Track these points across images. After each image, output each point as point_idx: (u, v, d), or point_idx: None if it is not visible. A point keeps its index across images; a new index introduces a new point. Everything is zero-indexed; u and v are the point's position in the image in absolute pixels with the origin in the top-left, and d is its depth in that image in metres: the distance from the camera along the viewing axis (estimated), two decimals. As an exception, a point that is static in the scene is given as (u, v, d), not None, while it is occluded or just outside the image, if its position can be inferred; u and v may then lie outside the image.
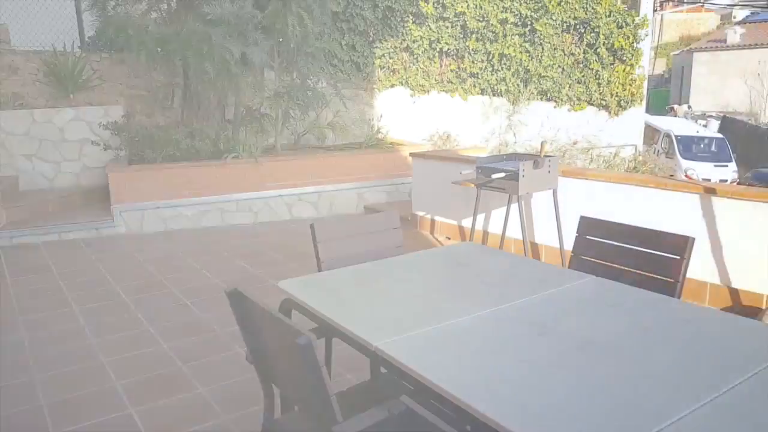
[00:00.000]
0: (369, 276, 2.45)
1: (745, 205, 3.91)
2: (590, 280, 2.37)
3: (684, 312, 2.04)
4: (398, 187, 7.77)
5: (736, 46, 25.02)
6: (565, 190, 4.93)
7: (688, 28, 35.79)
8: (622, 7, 10.88)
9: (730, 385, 1.50)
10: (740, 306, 3.98)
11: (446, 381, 1.56)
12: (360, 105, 9.29)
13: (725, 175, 14.86)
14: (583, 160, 10.55)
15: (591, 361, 1.67)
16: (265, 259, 5.55)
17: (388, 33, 9.69)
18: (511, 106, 10.71)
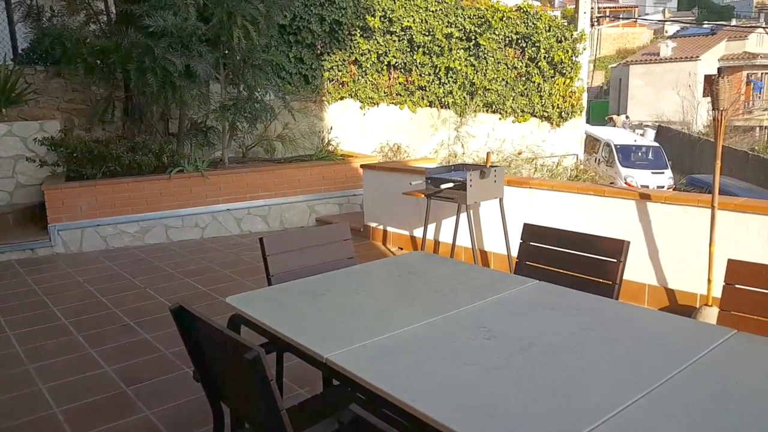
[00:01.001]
0: (320, 288, 2.45)
1: (677, 210, 4.11)
2: (534, 284, 2.44)
3: (621, 312, 2.13)
4: (350, 198, 7.78)
5: (668, 59, 26.39)
6: (511, 198, 5.06)
7: (625, 42, 37.56)
8: (561, 22, 11.33)
9: (664, 378, 1.58)
10: (676, 305, 4.17)
11: (396, 388, 1.57)
12: (309, 117, 9.28)
13: (662, 181, 15.58)
14: (528, 169, 10.87)
15: (534, 361, 1.73)
16: (214, 276, 5.44)
17: (336, 46, 9.74)
18: (458, 118, 10.94)
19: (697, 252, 3.99)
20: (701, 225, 3.94)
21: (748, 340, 1.82)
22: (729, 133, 22.36)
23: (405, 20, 10.07)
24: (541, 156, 11.29)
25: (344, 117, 10.05)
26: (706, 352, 1.72)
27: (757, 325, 2.01)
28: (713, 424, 1.38)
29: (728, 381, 1.58)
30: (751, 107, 25.51)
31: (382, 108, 10.48)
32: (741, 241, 3.81)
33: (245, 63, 7.10)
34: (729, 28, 28.96)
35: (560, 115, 11.29)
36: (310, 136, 8.71)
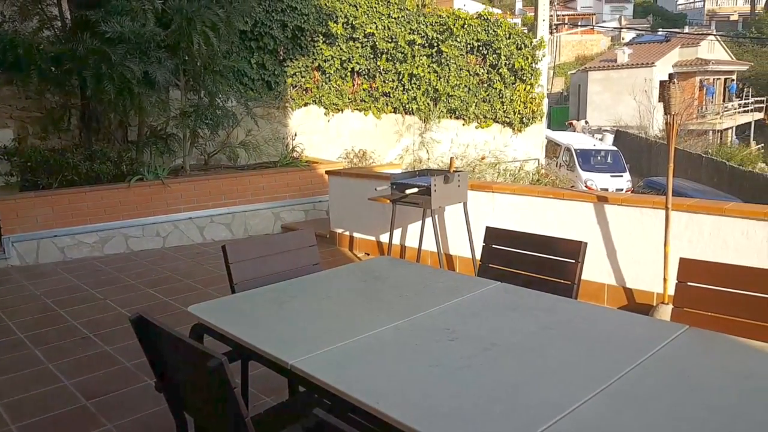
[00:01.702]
0: (285, 295, 2.44)
1: (633, 212, 4.24)
2: (496, 286, 2.48)
3: (580, 311, 2.19)
4: (316, 205, 7.76)
5: (625, 65, 27.20)
6: (475, 202, 5.13)
7: (583, 49, 38.55)
8: (521, 29, 11.57)
9: (621, 373, 1.63)
10: (634, 304, 4.30)
11: (360, 392, 1.58)
12: (273, 124, 9.21)
13: (620, 184, 16.02)
14: (492, 174, 11.03)
15: (496, 361, 1.76)
16: (176, 286, 5.35)
17: (298, 52, 9.71)
18: (422, 123, 11.03)
19: (653, 252, 4.12)
20: (656, 226, 4.07)
21: (699, 335, 1.90)
22: (684, 136, 23.17)
23: (368, 27, 10.13)
24: (503, 161, 11.48)
25: (308, 123, 10.02)
26: (659, 348, 1.79)
27: (708, 321, 2.10)
28: (666, 416, 1.43)
29: (680, 375, 1.65)
30: (705, 111, 26.49)
31: (347, 114, 10.49)
32: (694, 241, 3.95)
33: (206, 69, 7.02)
34: (682, 35, 30.06)
35: (521, 121, 11.51)
36: (274, 142, 8.64)
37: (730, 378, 1.61)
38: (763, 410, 1.44)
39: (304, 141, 8.97)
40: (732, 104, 27.56)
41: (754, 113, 27.53)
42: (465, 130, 11.39)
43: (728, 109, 27.11)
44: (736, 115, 27.04)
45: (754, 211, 3.68)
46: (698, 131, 24.55)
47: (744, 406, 1.46)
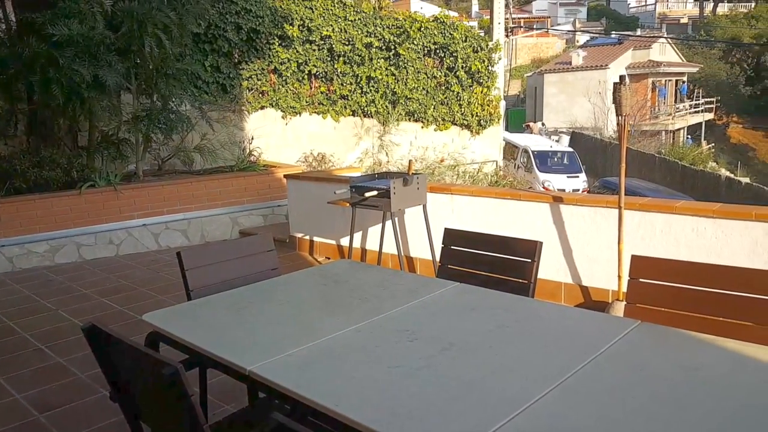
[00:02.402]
0: (242, 300, 2.41)
1: (588, 211, 4.35)
2: (455, 286, 2.51)
3: (536, 309, 2.23)
4: (275, 209, 7.68)
5: (579, 68, 27.87)
6: (434, 204, 5.17)
7: (539, 52, 39.38)
8: (477, 32, 11.74)
9: (575, 369, 1.67)
10: (591, 301, 4.40)
11: (319, 395, 1.58)
12: (229, 127, 9.07)
13: (577, 184, 16.42)
14: (451, 176, 11.15)
15: (455, 360, 1.78)
16: (131, 294, 5.21)
17: (254, 55, 9.60)
18: (381, 126, 11.06)
19: (607, 250, 4.23)
20: (610, 225, 4.19)
21: (650, 329, 1.96)
22: (638, 137, 23.93)
23: (324, 29, 10.09)
24: (462, 163, 11.62)
25: (266, 127, 9.90)
26: (612, 343, 1.84)
27: (659, 316, 2.17)
28: (619, 409, 1.47)
29: (632, 369, 1.69)
30: (657, 112, 27.41)
31: (305, 117, 10.43)
32: (647, 238, 4.07)
33: (158, 72, 6.86)
34: (635, 38, 31.03)
35: (479, 123, 11.67)
36: (230, 146, 8.51)
37: (679, 370, 1.67)
38: (711, 400, 1.50)
39: (261, 144, 8.86)
40: (683, 105, 28.58)
41: (704, 114, 28.62)
42: (424, 132, 11.48)
43: (680, 109, 28.10)
44: (687, 116, 28.05)
45: (703, 209, 3.82)
46: (651, 132, 25.38)
47: (693, 397, 1.51)
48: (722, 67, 32.25)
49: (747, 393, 1.52)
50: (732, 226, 3.63)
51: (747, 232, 3.57)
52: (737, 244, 3.61)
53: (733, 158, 27.76)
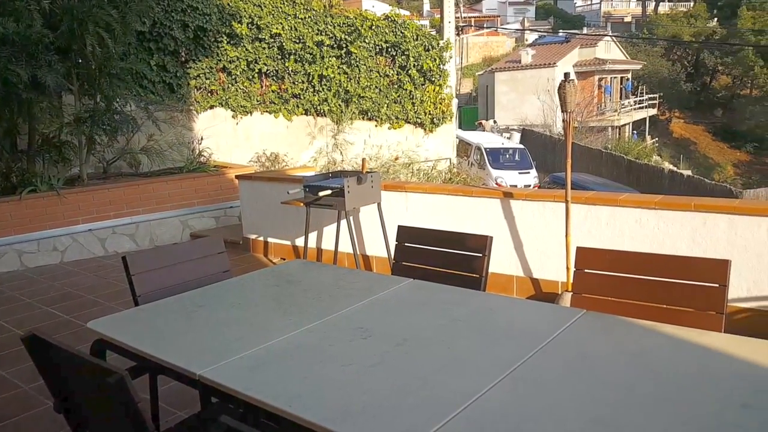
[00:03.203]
0: (192, 304, 2.36)
1: (536, 206, 4.45)
2: (408, 283, 2.52)
3: (487, 302, 2.27)
4: (227, 211, 7.54)
5: (529, 66, 28.46)
6: (389, 202, 5.19)
7: (490, 50, 39.99)
8: (428, 31, 11.84)
9: (523, 359, 1.70)
10: (541, 293, 4.51)
11: (272, 396, 1.56)
12: (177, 128, 8.84)
13: (528, 180, 16.79)
14: (405, 174, 11.21)
15: (408, 355, 1.79)
16: (78, 302, 5.02)
17: (201, 53, 9.39)
18: (335, 125, 11.02)
19: (556, 243, 4.34)
20: (558, 218, 4.29)
21: (594, 318, 2.02)
22: (585, 133, 24.62)
23: (273, 27, 9.97)
24: (417, 161, 11.70)
25: (216, 126, 9.71)
26: (558, 332, 1.89)
27: (604, 304, 2.24)
28: (565, 396, 1.52)
29: (578, 356, 1.74)
30: (604, 109, 28.27)
31: (256, 116, 10.27)
32: (593, 231, 4.20)
33: (101, 72, 6.63)
34: (581, 36, 31.87)
35: (432, 121, 11.77)
36: (179, 147, 8.30)
37: (623, 356, 1.73)
38: (653, 384, 1.56)
39: (211, 145, 8.69)
40: (628, 101, 29.56)
41: (648, 109, 29.67)
42: (378, 131, 11.50)
43: (625, 106, 29.05)
44: (632, 112, 29.01)
45: (645, 201, 3.96)
46: (599, 128, 26.16)
47: (636, 382, 1.57)
48: (664, 65, 33.56)
49: (686, 376, 1.59)
50: (673, 216, 3.78)
51: (687, 222, 3.73)
52: (678, 233, 3.77)
53: (675, 152, 28.94)
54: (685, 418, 1.37)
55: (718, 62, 31.67)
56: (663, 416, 1.39)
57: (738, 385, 1.51)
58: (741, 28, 28.93)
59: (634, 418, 1.39)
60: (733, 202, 3.73)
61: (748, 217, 3.52)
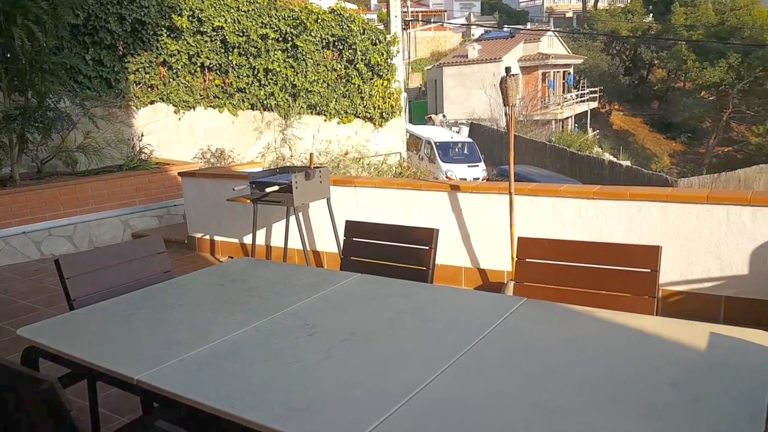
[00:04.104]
0: (131, 307, 2.28)
1: (482, 198, 4.53)
2: (356, 277, 2.52)
3: (433, 294, 2.30)
4: (170, 209, 7.33)
5: (475, 61, 28.87)
6: (338, 197, 5.16)
7: (437, 45, 40.32)
8: (374, 25, 11.83)
9: (467, 348, 1.73)
10: (488, 283, 4.60)
11: (214, 398, 1.53)
12: (115, 124, 8.48)
13: (477, 173, 17.07)
14: (356, 169, 11.19)
15: (354, 350, 1.79)
16: (11, 309, 4.78)
17: (140, 47, 9.06)
18: (283, 120, 10.87)
19: (501, 234, 4.43)
20: (503, 210, 4.38)
21: (535, 305, 2.07)
22: (530, 126, 25.21)
23: (215, 20, 9.72)
24: (367, 155, 11.69)
25: (157, 122, 9.39)
26: (501, 320, 1.93)
27: (544, 292, 2.30)
28: (506, 382, 1.55)
29: (518, 343, 1.79)
30: (548, 103, 29.00)
31: (200, 111, 10.00)
32: (536, 221, 4.30)
33: (32, 67, 6.30)
34: (525, 32, 32.55)
35: (382, 116, 11.78)
36: (118, 144, 7.99)
37: (560, 341, 1.78)
38: (586, 367, 1.61)
39: (152, 141, 8.42)
40: (570, 95, 30.43)
41: (589, 103, 30.63)
42: (327, 125, 11.42)
43: (567, 99, 29.89)
44: (574, 105, 29.89)
45: (584, 191, 4.09)
46: (543, 121, 26.84)
47: (572, 366, 1.62)
48: (604, 59, 34.70)
49: (619, 359, 1.65)
50: (610, 205, 3.92)
51: (623, 211, 3.88)
52: (615, 221, 3.91)
53: (615, 143, 30.01)
54: (617, 400, 1.43)
55: (654, 56, 33.00)
56: (597, 398, 1.44)
57: (668, 366, 1.58)
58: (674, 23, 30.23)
59: (570, 401, 1.44)
60: (666, 190, 3.90)
61: (679, 204, 3.68)
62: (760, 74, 26.45)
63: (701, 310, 3.66)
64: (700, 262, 3.66)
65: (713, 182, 17.27)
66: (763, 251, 3.45)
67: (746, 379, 1.47)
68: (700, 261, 3.66)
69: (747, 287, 3.54)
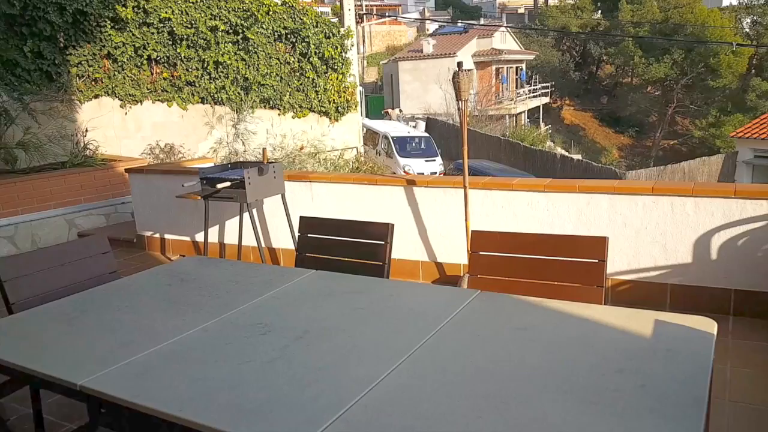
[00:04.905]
0: (74, 310, 2.19)
1: (438, 192, 4.55)
2: (311, 274, 2.49)
3: (389, 289, 2.29)
4: (118, 207, 7.09)
5: (430, 56, 29.01)
6: (293, 193, 5.10)
7: (393, 40, 40.33)
8: (327, 18, 11.71)
9: (421, 342, 1.73)
10: (445, 277, 4.63)
11: (162, 402, 1.49)
12: (58, 120, 8.12)
13: (434, 168, 17.20)
14: (312, 164, 11.08)
15: (309, 347, 1.77)
16: (-52, 313, 4.53)
17: (83, 38, 8.69)
18: (235, 114, 10.65)
19: (457, 227, 4.47)
20: (458, 203, 4.41)
21: (487, 297, 2.09)
22: (485, 121, 25.51)
23: (162, 11, 9.42)
24: (323, 150, 11.59)
25: (102, 117, 9.05)
26: (455, 313, 1.94)
27: (496, 284, 2.32)
28: (460, 374, 1.56)
29: (471, 335, 1.80)
30: (501, 98, 29.43)
31: (147, 106, 9.69)
32: (490, 214, 4.36)
33: (-34, 60, 5.98)
34: (479, 27, 32.90)
35: (337, 110, 11.70)
36: (61, 140, 7.65)
37: (512, 332, 1.80)
38: (537, 356, 1.64)
39: (98, 137, 8.11)
40: (523, 90, 30.96)
41: (541, 98, 31.22)
42: (281, 120, 11.26)
43: (520, 95, 30.42)
44: (527, 100, 30.41)
45: (536, 185, 4.16)
46: (497, 116, 27.22)
47: (523, 356, 1.64)
48: (555, 55, 35.43)
49: (568, 347, 1.69)
50: (560, 198, 4.00)
51: (573, 203, 3.96)
52: (565, 214, 4.00)
53: (567, 137, 30.76)
54: (567, 387, 1.45)
55: (602, 52, 33.90)
56: (547, 387, 1.46)
57: (615, 353, 1.62)
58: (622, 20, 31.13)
59: (521, 390, 1.45)
60: (613, 182, 4.01)
61: (627, 196, 3.79)
62: (702, 70, 27.54)
63: (648, 298, 3.78)
64: (646, 251, 3.79)
65: (659, 174, 17.93)
66: (706, 240, 3.60)
67: (689, 364, 1.52)
68: (646, 250, 3.78)
69: (691, 275, 3.68)
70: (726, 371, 2.88)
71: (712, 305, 3.57)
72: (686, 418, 1.29)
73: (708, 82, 27.41)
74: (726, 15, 29.19)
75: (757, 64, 28.18)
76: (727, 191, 3.51)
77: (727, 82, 26.89)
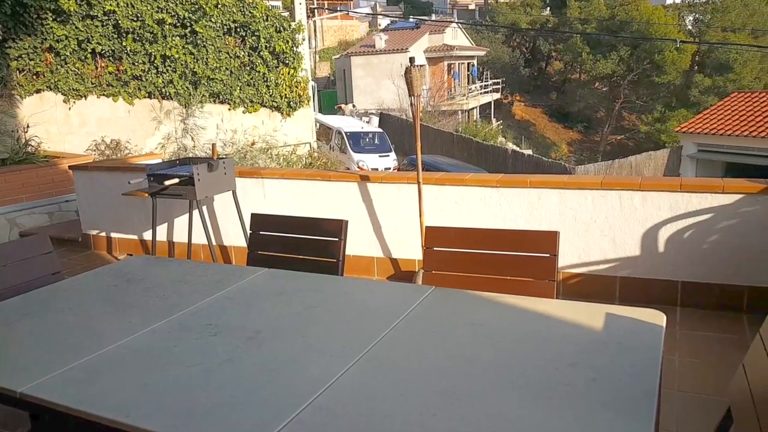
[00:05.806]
0: (14, 314, 2.08)
1: (392, 188, 4.55)
2: (263, 272, 2.44)
3: (343, 286, 2.27)
4: (62, 205, 6.80)
5: (382, 51, 29.02)
6: (245, 190, 5.00)
7: (345, 34, 40.13)
8: (278, 11, 11.53)
9: (376, 339, 1.72)
10: (401, 273, 4.64)
11: (107, 408, 1.43)
12: (-2, 115, 7.77)
13: (388, 163, 17.22)
14: (264, 159, 10.91)
15: (261, 348, 1.73)
16: None
17: (23, 31, 8.28)
18: (184, 109, 10.37)
19: (411, 223, 4.48)
20: (412, 199, 4.42)
21: (442, 293, 2.10)
22: (438, 116, 25.72)
23: (107, 3, 9.06)
24: (275, 146, 11.43)
25: (45, 112, 8.66)
26: (409, 310, 1.93)
27: (451, 280, 2.34)
28: (414, 371, 1.56)
29: (426, 331, 1.80)
30: (454, 94, 29.71)
31: (92, 100, 9.32)
32: (444, 210, 4.39)
33: None
34: (430, 23, 33.09)
35: (289, 105, 11.56)
36: (1, 136, 7.31)
37: (466, 328, 1.82)
38: (492, 352, 1.65)
39: (39, 133, 7.77)
40: (475, 86, 31.36)
41: (492, 94, 31.70)
42: (232, 115, 11.04)
43: (472, 90, 30.79)
44: (479, 96, 30.83)
45: (488, 180, 4.21)
46: (450, 112, 27.49)
47: (478, 352, 1.66)
48: (505, 51, 36.05)
49: (522, 342, 1.71)
50: (512, 193, 4.07)
51: (524, 198, 4.03)
52: (517, 208, 4.07)
53: (518, 133, 31.36)
54: (521, 382, 1.47)
55: (551, 49, 34.70)
56: (501, 382, 1.48)
57: (567, 347, 1.65)
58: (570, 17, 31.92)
59: (475, 387, 1.46)
60: (563, 177, 4.10)
61: (576, 190, 3.88)
62: (648, 66, 28.53)
63: (599, 290, 3.89)
64: (596, 244, 3.89)
65: (607, 169, 18.50)
66: (653, 233, 3.73)
67: (639, 356, 1.57)
68: (596, 244, 3.89)
69: (639, 267, 3.80)
70: (675, 362, 2.95)
71: (660, 297, 3.70)
72: (638, 410, 1.32)
73: (653, 78, 28.41)
74: (669, 13, 30.30)
75: (700, 60, 29.37)
76: (673, 185, 3.62)
77: (672, 78, 27.92)
